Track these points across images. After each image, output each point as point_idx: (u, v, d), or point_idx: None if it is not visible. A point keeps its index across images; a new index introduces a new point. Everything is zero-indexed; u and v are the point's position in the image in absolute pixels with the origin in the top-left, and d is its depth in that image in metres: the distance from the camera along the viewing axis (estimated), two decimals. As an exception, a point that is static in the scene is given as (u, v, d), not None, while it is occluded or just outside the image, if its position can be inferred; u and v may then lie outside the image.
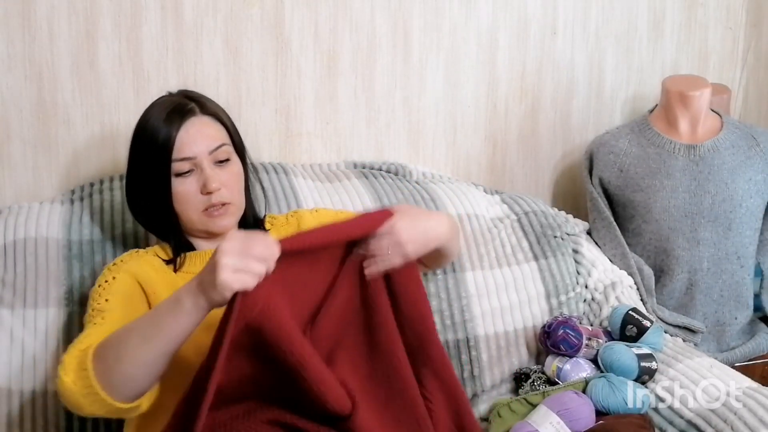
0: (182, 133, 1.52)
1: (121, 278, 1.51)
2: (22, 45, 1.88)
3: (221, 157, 1.56)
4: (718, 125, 2.33)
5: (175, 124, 1.52)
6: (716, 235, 2.24)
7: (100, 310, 1.44)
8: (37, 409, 1.67)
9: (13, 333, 1.68)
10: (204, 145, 1.54)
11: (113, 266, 1.55)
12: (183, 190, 1.53)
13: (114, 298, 1.46)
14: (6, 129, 1.91)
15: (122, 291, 1.48)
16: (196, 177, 1.54)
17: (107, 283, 1.50)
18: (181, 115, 1.54)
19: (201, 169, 1.53)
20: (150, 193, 1.55)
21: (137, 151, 1.58)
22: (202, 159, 1.53)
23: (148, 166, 1.54)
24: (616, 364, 1.82)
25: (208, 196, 1.53)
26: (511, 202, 2.18)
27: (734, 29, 2.72)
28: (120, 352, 1.27)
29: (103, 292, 1.48)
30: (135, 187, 1.60)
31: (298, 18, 2.12)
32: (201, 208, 1.54)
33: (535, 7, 2.39)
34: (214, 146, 1.55)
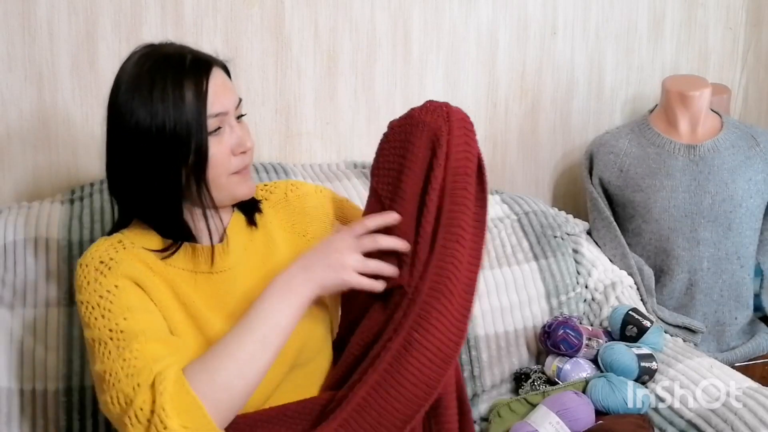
0: (211, 85, 1.31)
1: (124, 287, 1.30)
2: (22, 45, 1.88)
3: (241, 112, 1.39)
4: (718, 125, 2.33)
5: (202, 76, 1.31)
6: (716, 235, 2.24)
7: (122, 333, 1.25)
8: (37, 409, 1.66)
9: (13, 333, 1.67)
10: (231, 99, 1.35)
11: (105, 269, 1.31)
12: (218, 151, 1.31)
13: (130, 310, 1.27)
14: (6, 129, 1.91)
15: (133, 302, 1.29)
16: (225, 135, 1.33)
17: (110, 293, 1.28)
18: (205, 67, 1.33)
19: (230, 126, 1.34)
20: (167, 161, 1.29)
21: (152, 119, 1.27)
22: (230, 114, 1.34)
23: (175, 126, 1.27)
24: (616, 364, 1.82)
25: (241, 156, 1.36)
26: (511, 202, 2.18)
27: (734, 29, 2.72)
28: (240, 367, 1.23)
29: (111, 306, 1.27)
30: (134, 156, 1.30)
31: (298, 18, 2.12)
32: (232, 171, 1.35)
33: (535, 7, 2.39)
34: (237, 100, 1.37)
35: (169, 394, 1.17)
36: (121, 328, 1.24)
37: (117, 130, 1.31)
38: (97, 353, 1.26)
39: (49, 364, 1.66)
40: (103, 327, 1.26)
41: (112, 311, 1.26)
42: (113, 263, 1.31)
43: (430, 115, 1.40)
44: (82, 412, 1.67)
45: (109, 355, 1.24)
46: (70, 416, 1.67)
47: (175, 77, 1.28)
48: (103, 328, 1.26)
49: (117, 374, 1.21)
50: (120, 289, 1.29)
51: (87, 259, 1.33)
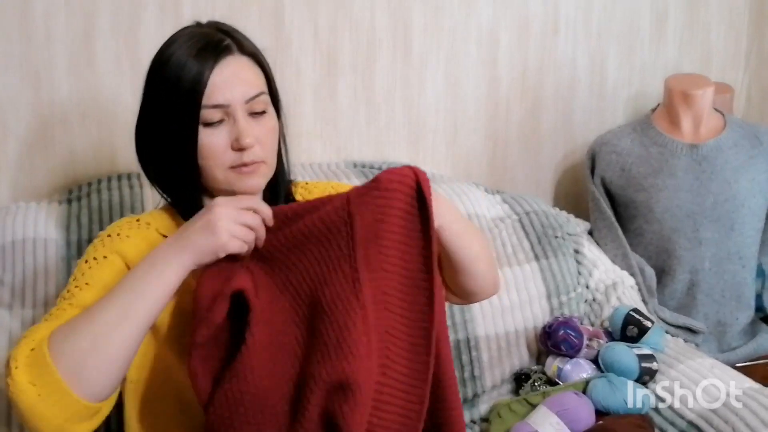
0: (216, 74, 1.28)
1: (110, 262, 1.29)
2: (19, 44, 1.88)
3: (258, 108, 1.32)
4: (720, 124, 2.32)
5: (208, 63, 1.28)
6: (718, 235, 2.23)
7: (71, 294, 1.24)
8: (35, 410, 1.66)
9: (12, 333, 1.68)
10: (240, 92, 1.30)
11: (108, 239, 1.33)
12: (210, 143, 1.29)
13: (94, 284, 1.26)
14: (3, 129, 1.91)
15: (105, 280, 1.26)
16: (227, 128, 1.30)
17: (96, 261, 1.29)
18: (216, 53, 1.30)
19: (234, 119, 1.30)
20: (169, 142, 1.31)
21: (156, 91, 1.32)
22: (236, 108, 1.29)
23: (170, 110, 1.29)
24: (616, 365, 1.82)
25: (239, 152, 1.31)
26: (512, 201, 2.18)
27: (737, 28, 2.71)
28: (95, 333, 1.13)
29: (87, 270, 1.28)
30: (149, 133, 1.34)
31: (298, 18, 2.12)
32: (228, 165, 1.31)
33: (536, 6, 2.39)
34: (252, 94, 1.31)
35: (28, 347, 1.13)
36: (72, 292, 1.24)
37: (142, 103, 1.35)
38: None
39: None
40: (71, 283, 1.27)
41: (84, 275, 1.27)
42: (116, 237, 1.33)
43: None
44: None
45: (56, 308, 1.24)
46: (67, 417, 1.66)
47: (181, 59, 1.29)
48: (71, 284, 1.27)
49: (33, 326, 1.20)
50: (106, 261, 1.29)
51: (105, 231, 1.36)
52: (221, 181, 1.32)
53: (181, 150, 1.30)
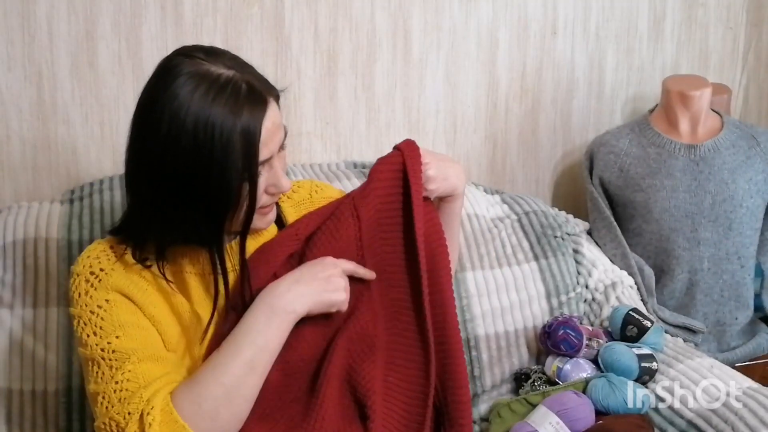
0: (263, 130, 1.22)
1: (116, 302, 1.26)
2: (21, 45, 1.88)
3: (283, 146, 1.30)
4: (718, 125, 2.33)
5: (257, 119, 1.20)
6: (717, 235, 2.24)
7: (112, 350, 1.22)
8: (37, 409, 1.66)
9: (13, 333, 1.68)
10: (278, 141, 1.26)
11: (95, 279, 1.27)
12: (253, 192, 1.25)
13: (123, 332, 1.24)
14: (5, 129, 1.91)
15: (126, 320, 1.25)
16: (265, 176, 1.26)
17: (102, 309, 1.25)
18: (260, 105, 1.22)
19: (270, 166, 1.26)
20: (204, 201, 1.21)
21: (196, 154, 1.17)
22: (275, 157, 1.27)
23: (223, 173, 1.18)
24: (616, 365, 1.82)
25: (273, 195, 1.30)
26: (512, 201, 2.18)
27: (735, 29, 2.72)
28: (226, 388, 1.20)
29: (102, 323, 1.25)
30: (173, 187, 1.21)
31: (298, 18, 2.12)
32: (259, 207, 1.27)
33: (536, 7, 2.39)
34: (282, 139, 1.28)
35: (157, 424, 1.16)
36: (113, 348, 1.22)
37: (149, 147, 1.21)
38: (90, 373, 1.24)
39: (49, 364, 1.67)
40: (95, 345, 1.24)
41: (104, 328, 1.24)
42: (103, 275, 1.28)
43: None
44: (81, 413, 1.67)
45: (102, 377, 1.22)
46: (69, 416, 1.67)
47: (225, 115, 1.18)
48: (95, 347, 1.24)
49: (110, 399, 1.20)
50: (111, 303, 1.26)
51: (78, 267, 1.30)
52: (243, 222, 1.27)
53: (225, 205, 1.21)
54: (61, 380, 1.66)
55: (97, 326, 1.25)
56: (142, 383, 1.20)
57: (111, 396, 1.20)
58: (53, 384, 1.66)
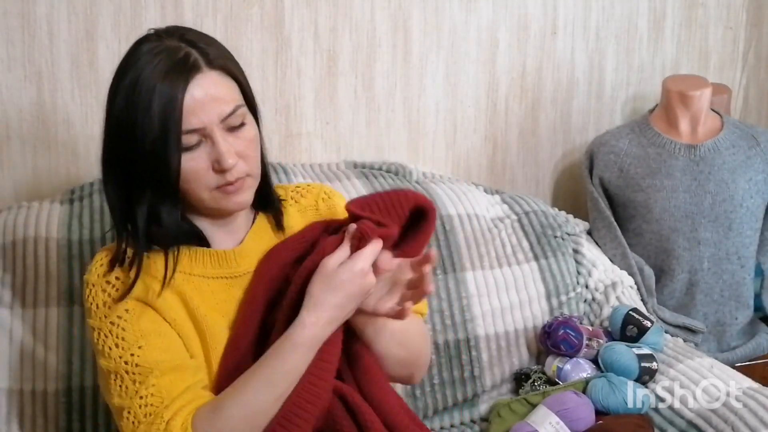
0: (188, 98, 1.22)
1: (134, 310, 1.27)
2: (21, 45, 1.88)
3: (235, 122, 1.27)
4: (718, 125, 2.33)
5: (179, 86, 1.22)
6: (716, 235, 2.24)
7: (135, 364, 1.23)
8: (36, 409, 1.66)
9: (13, 333, 1.67)
10: (215, 112, 1.24)
11: (113, 290, 1.28)
12: (191, 167, 1.25)
13: (146, 342, 1.25)
14: (5, 129, 1.91)
15: (148, 329, 1.26)
16: (206, 150, 1.25)
17: (121, 319, 1.26)
18: (185, 73, 1.23)
19: (212, 140, 1.25)
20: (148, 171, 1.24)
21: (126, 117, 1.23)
22: (212, 129, 1.24)
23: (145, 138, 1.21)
24: (616, 365, 1.82)
25: (222, 173, 1.26)
26: (512, 201, 2.18)
27: (734, 29, 2.72)
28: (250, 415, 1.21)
29: (123, 333, 1.25)
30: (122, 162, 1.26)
31: (298, 18, 2.12)
32: (213, 186, 1.27)
33: (536, 7, 2.39)
34: (227, 112, 1.26)
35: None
36: (137, 362, 1.23)
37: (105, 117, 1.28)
38: (113, 386, 1.24)
39: (49, 364, 1.66)
40: (119, 358, 1.24)
41: (126, 339, 1.24)
42: (120, 284, 1.28)
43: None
44: (81, 413, 1.67)
45: (127, 391, 1.23)
46: (70, 416, 1.66)
47: (150, 79, 1.22)
48: (119, 360, 1.24)
49: (137, 415, 1.21)
50: (131, 313, 1.26)
51: (93, 276, 1.30)
52: (207, 200, 1.29)
53: (164, 177, 1.24)
54: (61, 380, 1.66)
55: (119, 337, 1.25)
56: (166, 399, 1.21)
57: (137, 412, 1.21)
58: (53, 384, 1.66)
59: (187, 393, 1.24)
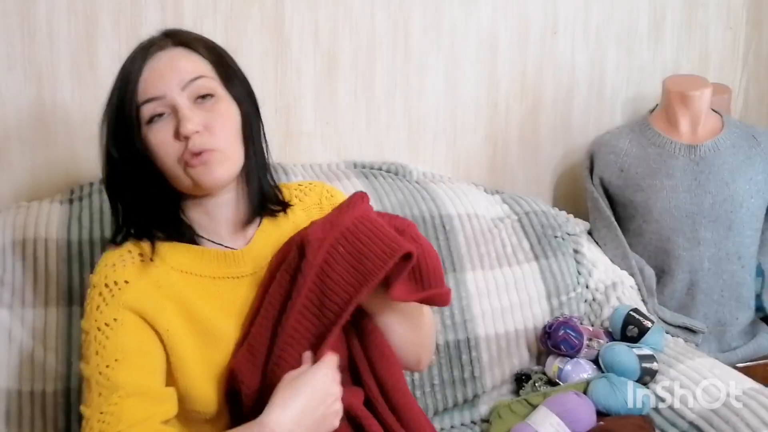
0: (146, 70, 1.26)
1: (124, 323, 1.25)
2: (21, 45, 1.88)
3: (201, 91, 1.28)
4: (718, 125, 2.33)
5: (137, 63, 1.27)
6: (717, 235, 2.24)
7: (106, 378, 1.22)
8: (36, 409, 1.66)
9: (12, 333, 1.67)
10: (173, 80, 1.26)
11: (108, 291, 1.27)
12: (156, 139, 1.26)
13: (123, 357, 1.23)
14: (5, 129, 1.91)
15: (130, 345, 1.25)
16: (171, 121, 1.26)
17: (109, 328, 1.25)
18: (146, 52, 1.28)
19: (175, 109, 1.25)
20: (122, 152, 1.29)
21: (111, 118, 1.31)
22: (174, 96, 1.25)
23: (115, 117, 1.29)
24: (617, 365, 1.82)
25: (185, 141, 1.25)
26: (512, 202, 2.18)
27: (735, 29, 2.72)
28: None
29: (106, 341, 1.24)
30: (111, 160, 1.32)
31: (298, 18, 2.11)
32: (176, 157, 1.26)
33: (536, 7, 2.39)
34: (188, 78, 1.27)
35: None
36: (108, 375, 1.22)
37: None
38: (85, 392, 1.25)
39: (48, 364, 1.66)
40: (95, 366, 1.23)
41: (106, 348, 1.24)
42: (117, 289, 1.26)
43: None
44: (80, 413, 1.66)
45: (92, 401, 1.22)
46: (68, 417, 1.66)
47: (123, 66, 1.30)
48: (95, 368, 1.23)
49: (92, 426, 1.21)
50: (118, 323, 1.25)
51: (96, 277, 1.30)
52: (181, 176, 1.28)
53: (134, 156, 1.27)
54: (60, 381, 1.66)
55: (102, 345, 1.24)
56: (122, 422, 1.20)
57: (93, 425, 1.21)
58: (52, 384, 1.66)
59: (144, 424, 1.22)
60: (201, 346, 1.30)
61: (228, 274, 1.34)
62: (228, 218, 1.37)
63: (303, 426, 1.21)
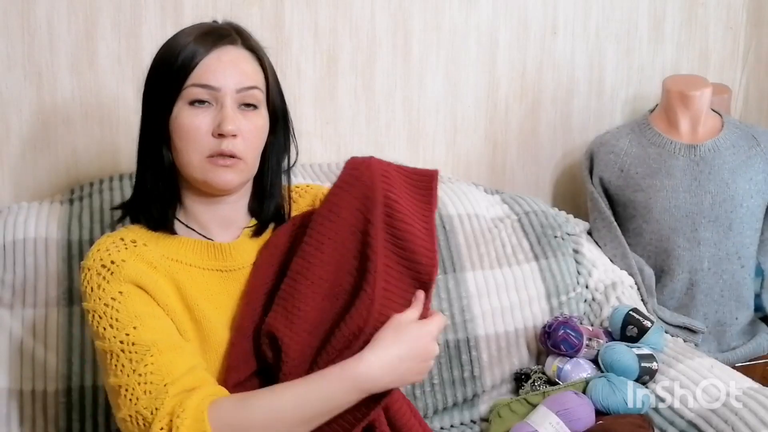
0: (212, 57, 1.27)
1: (130, 294, 1.24)
2: (21, 45, 1.88)
3: (249, 100, 1.29)
4: (718, 125, 2.33)
5: (206, 46, 1.27)
6: (717, 235, 2.24)
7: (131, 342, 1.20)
8: (36, 409, 1.66)
9: (13, 333, 1.67)
10: (234, 79, 1.27)
11: (107, 272, 1.25)
12: (192, 123, 1.26)
13: (140, 322, 1.22)
14: (5, 129, 1.91)
15: (142, 311, 1.24)
16: (212, 113, 1.26)
17: (116, 301, 1.23)
18: (217, 39, 1.29)
19: (221, 105, 1.26)
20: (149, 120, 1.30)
21: (153, 74, 1.30)
22: (226, 93, 1.26)
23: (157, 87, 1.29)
24: (616, 365, 1.82)
25: (219, 139, 1.26)
26: (512, 201, 2.18)
27: (735, 29, 2.72)
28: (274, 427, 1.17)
29: (118, 314, 1.22)
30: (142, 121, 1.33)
31: (298, 18, 2.12)
32: (206, 152, 1.26)
33: (536, 7, 2.40)
34: (246, 84, 1.28)
35: (185, 428, 1.14)
36: (132, 340, 1.20)
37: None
38: (110, 366, 1.21)
39: (49, 364, 1.66)
40: (113, 338, 1.21)
41: (120, 320, 1.21)
42: (115, 267, 1.25)
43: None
44: (81, 413, 1.67)
45: (123, 369, 1.19)
46: (69, 416, 1.66)
47: (181, 43, 1.28)
48: (114, 339, 1.21)
49: (134, 391, 1.18)
50: (125, 295, 1.23)
51: (89, 261, 1.27)
52: (196, 168, 1.28)
53: (160, 125, 1.28)
54: (60, 380, 1.66)
55: (113, 318, 1.22)
56: (166, 376, 1.18)
57: (135, 388, 1.18)
58: (53, 384, 1.66)
59: (193, 373, 1.21)
60: (195, 331, 1.30)
61: (215, 267, 1.34)
62: (223, 215, 1.37)
63: (392, 374, 1.20)
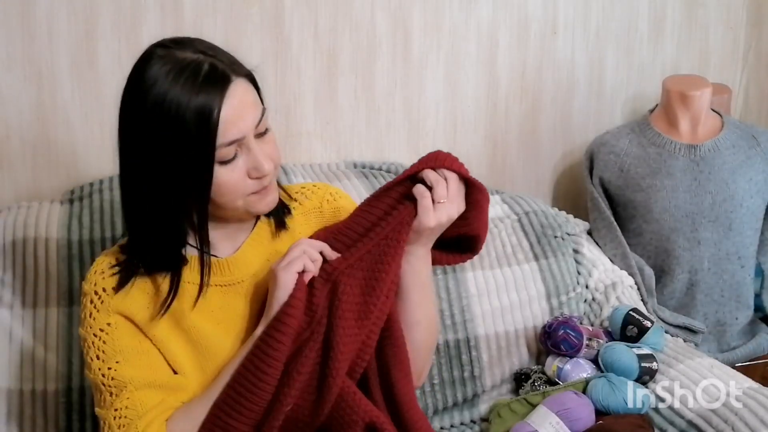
0: (226, 108, 1.19)
1: (117, 327, 1.28)
2: (21, 45, 1.88)
3: (263, 128, 1.27)
4: (718, 125, 2.33)
5: (215, 98, 1.18)
6: (717, 235, 2.24)
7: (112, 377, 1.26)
8: (36, 409, 1.66)
9: (13, 333, 1.68)
10: (249, 119, 1.23)
11: (98, 300, 1.29)
12: (230, 180, 1.23)
13: (124, 357, 1.27)
14: (5, 129, 1.91)
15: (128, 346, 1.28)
16: (242, 159, 1.24)
17: (104, 333, 1.28)
18: (220, 84, 1.20)
19: (248, 148, 1.23)
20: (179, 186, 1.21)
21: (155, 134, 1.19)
22: (249, 137, 1.23)
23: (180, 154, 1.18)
24: (616, 365, 1.82)
25: (258, 180, 1.26)
26: (512, 201, 2.18)
27: (735, 29, 2.72)
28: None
29: (104, 346, 1.27)
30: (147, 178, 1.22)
31: (298, 18, 2.12)
32: (248, 192, 1.26)
33: (536, 7, 2.39)
34: (259, 116, 1.25)
35: None
36: (112, 375, 1.26)
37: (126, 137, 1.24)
38: (95, 395, 1.30)
39: (49, 364, 1.67)
40: (98, 370, 1.27)
41: (105, 353, 1.28)
42: (105, 296, 1.29)
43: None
44: (81, 413, 1.67)
45: (104, 403, 1.27)
46: (69, 416, 1.67)
47: (181, 95, 1.18)
48: (98, 372, 1.27)
49: (110, 425, 1.25)
50: (112, 327, 1.29)
51: (87, 285, 1.31)
52: (241, 207, 1.28)
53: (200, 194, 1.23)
54: (60, 380, 1.66)
55: (100, 350, 1.28)
56: (139, 411, 1.25)
57: (111, 423, 1.25)
58: (53, 384, 1.66)
59: (160, 405, 1.27)
60: (192, 352, 1.32)
61: (216, 282, 1.34)
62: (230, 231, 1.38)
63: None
